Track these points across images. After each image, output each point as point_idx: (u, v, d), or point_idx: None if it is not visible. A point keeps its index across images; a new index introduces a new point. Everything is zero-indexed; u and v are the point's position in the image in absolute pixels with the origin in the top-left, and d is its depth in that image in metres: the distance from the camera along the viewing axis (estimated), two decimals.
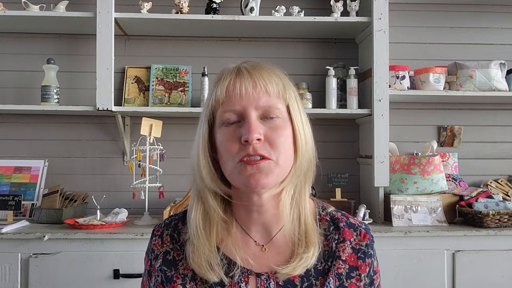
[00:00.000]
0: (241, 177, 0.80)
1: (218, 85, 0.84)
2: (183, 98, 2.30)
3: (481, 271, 1.87)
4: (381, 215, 2.08)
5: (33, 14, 2.10)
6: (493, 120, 2.46)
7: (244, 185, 0.81)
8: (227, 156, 0.82)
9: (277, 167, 0.81)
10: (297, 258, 0.84)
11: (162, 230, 0.94)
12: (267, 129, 0.81)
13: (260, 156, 0.79)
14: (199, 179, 0.86)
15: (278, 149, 0.81)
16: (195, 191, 0.88)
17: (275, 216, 0.87)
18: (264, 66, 0.86)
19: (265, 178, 0.80)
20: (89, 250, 1.79)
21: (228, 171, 0.83)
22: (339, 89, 2.24)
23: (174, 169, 2.30)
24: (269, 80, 0.84)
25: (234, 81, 0.83)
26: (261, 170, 0.79)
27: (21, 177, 2.24)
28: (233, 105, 0.82)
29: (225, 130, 0.83)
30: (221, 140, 0.83)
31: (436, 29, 2.46)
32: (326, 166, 2.35)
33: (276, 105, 0.83)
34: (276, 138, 0.81)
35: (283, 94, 0.85)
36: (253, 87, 0.82)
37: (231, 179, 0.84)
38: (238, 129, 0.82)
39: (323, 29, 2.27)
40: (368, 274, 0.88)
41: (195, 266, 0.84)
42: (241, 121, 0.82)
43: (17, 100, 2.33)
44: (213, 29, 2.28)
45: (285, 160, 0.82)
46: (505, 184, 2.37)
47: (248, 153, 0.79)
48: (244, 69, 0.84)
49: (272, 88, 0.83)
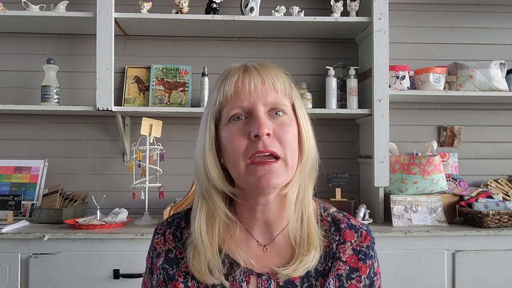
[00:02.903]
0: (252, 177, 0.79)
1: (226, 81, 0.83)
2: (183, 98, 2.30)
3: (481, 271, 1.87)
4: (381, 215, 2.09)
5: (33, 14, 2.10)
6: (493, 120, 2.47)
7: (254, 185, 0.80)
8: (235, 154, 0.80)
9: (287, 166, 0.81)
10: (297, 260, 0.84)
11: (165, 228, 0.94)
12: (275, 125, 0.81)
13: (270, 152, 0.79)
14: (205, 179, 0.84)
15: (286, 145, 0.81)
16: (199, 193, 0.87)
17: (278, 215, 0.87)
18: (270, 65, 0.87)
19: (276, 178, 0.79)
20: (89, 250, 1.79)
21: (236, 171, 0.82)
22: (339, 89, 2.24)
23: (174, 169, 2.31)
24: (277, 78, 0.84)
25: (243, 77, 0.83)
26: (272, 171, 0.79)
27: (21, 177, 2.24)
28: (242, 101, 0.81)
29: (232, 127, 0.82)
30: (228, 136, 0.82)
31: (436, 29, 2.46)
32: (326, 166, 2.30)
33: (284, 102, 0.84)
34: (284, 134, 0.81)
35: (289, 92, 0.86)
36: (262, 84, 0.82)
37: (239, 179, 0.83)
38: (246, 125, 0.81)
39: (323, 29, 2.27)
40: (369, 275, 0.88)
41: (195, 271, 0.84)
42: (249, 117, 0.82)
43: (17, 100, 2.33)
44: (213, 29, 2.28)
45: (293, 158, 0.82)
46: (505, 184, 2.37)
47: (258, 150, 0.78)
48: (252, 66, 0.85)
49: (279, 85, 0.84)
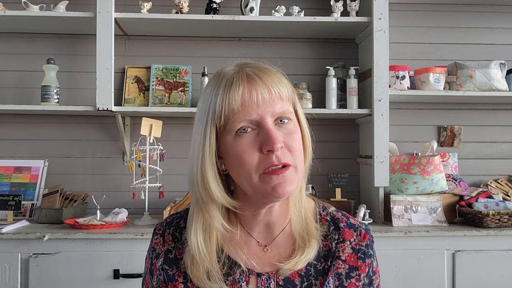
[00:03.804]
0: (267, 187, 0.78)
1: (230, 91, 0.79)
2: (183, 98, 2.30)
3: (481, 271, 1.87)
4: (381, 215, 2.08)
5: (33, 14, 2.10)
6: (493, 120, 2.46)
7: (269, 194, 0.79)
8: (247, 168, 0.78)
9: (297, 172, 0.81)
10: (298, 252, 0.84)
11: (164, 229, 0.93)
12: (284, 135, 0.80)
13: (283, 164, 0.78)
14: (203, 191, 0.82)
15: (296, 153, 0.80)
16: (194, 202, 0.85)
17: (280, 216, 0.88)
18: (268, 68, 0.84)
19: (290, 185, 0.79)
20: (89, 250, 1.79)
21: (247, 183, 0.80)
22: (339, 89, 2.24)
23: (174, 169, 2.31)
24: (281, 85, 0.82)
25: (249, 88, 0.79)
26: (286, 179, 0.78)
27: (21, 177, 2.24)
28: (250, 115, 0.78)
29: (240, 140, 0.79)
30: (237, 150, 0.79)
31: (436, 29, 2.46)
32: (326, 166, 2.35)
33: (289, 109, 0.83)
34: (293, 143, 0.80)
35: (292, 96, 0.85)
36: (269, 94, 0.80)
37: (250, 189, 0.81)
38: (255, 137, 0.79)
39: (323, 29, 2.27)
40: (367, 274, 0.88)
41: (193, 278, 0.84)
42: (257, 129, 0.80)
43: (17, 100, 2.33)
44: (213, 29, 2.28)
45: (301, 163, 0.82)
46: (505, 184, 2.37)
47: (272, 163, 0.77)
48: (253, 74, 0.81)
49: (285, 93, 0.82)
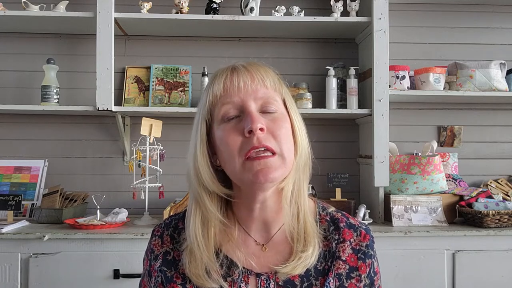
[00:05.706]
0: (249, 174, 0.79)
1: (214, 82, 0.85)
2: (183, 98, 2.30)
3: (481, 271, 1.87)
4: (381, 215, 2.08)
5: (33, 14, 2.10)
6: (493, 120, 2.46)
7: (252, 181, 0.79)
8: (230, 153, 0.80)
9: (284, 161, 0.80)
10: (296, 257, 0.83)
11: (162, 230, 0.93)
12: (268, 121, 0.81)
13: (265, 147, 0.78)
14: (196, 182, 0.84)
15: (281, 140, 0.80)
16: (192, 198, 0.87)
17: (275, 213, 0.87)
18: (259, 63, 0.88)
19: (273, 172, 0.79)
20: (89, 250, 1.79)
21: (232, 170, 0.81)
22: (339, 89, 2.24)
23: (174, 169, 2.31)
24: (266, 74, 0.85)
25: (231, 75, 0.84)
26: (268, 165, 0.79)
27: (21, 177, 2.24)
28: (231, 97, 0.82)
29: (225, 126, 0.82)
30: (222, 136, 0.81)
31: (436, 29, 2.46)
32: (326, 166, 2.35)
33: (274, 97, 0.84)
34: (278, 129, 0.81)
35: (279, 88, 0.87)
36: (251, 80, 0.83)
37: (236, 177, 0.82)
38: (239, 123, 0.81)
39: (323, 29, 2.26)
40: (369, 275, 0.88)
41: (192, 276, 0.84)
42: (241, 115, 0.82)
43: (17, 100, 2.33)
44: (213, 29, 2.28)
45: (288, 152, 0.82)
46: (505, 184, 2.37)
47: (253, 145, 0.78)
48: (240, 65, 0.86)
49: (269, 82, 0.85)
